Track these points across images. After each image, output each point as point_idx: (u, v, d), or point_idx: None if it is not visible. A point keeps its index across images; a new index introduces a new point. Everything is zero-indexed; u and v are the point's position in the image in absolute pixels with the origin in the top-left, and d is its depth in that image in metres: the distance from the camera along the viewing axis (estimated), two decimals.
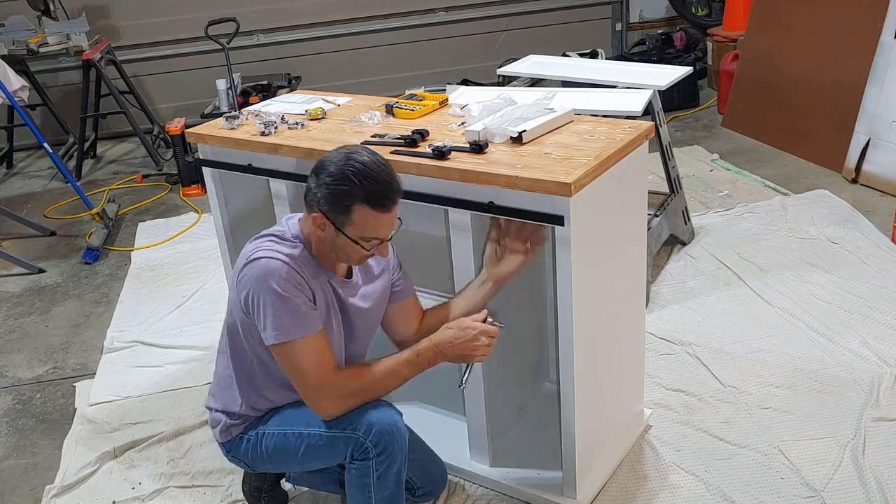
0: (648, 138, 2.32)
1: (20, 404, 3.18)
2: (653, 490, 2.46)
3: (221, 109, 5.46)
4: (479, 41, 6.71)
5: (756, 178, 4.64)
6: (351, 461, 2.05)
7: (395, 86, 6.21)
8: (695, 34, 6.60)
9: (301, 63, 6.46)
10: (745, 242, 3.88)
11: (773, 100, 5.11)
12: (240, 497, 2.56)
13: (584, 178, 2.02)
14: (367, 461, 2.04)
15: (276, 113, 2.67)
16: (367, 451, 2.02)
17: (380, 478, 2.06)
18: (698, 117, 5.80)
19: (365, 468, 2.05)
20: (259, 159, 2.56)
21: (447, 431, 2.69)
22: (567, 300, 2.11)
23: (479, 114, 2.37)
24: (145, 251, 4.43)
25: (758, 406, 2.77)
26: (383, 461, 2.04)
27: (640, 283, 2.52)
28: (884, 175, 4.32)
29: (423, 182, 2.23)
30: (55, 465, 2.82)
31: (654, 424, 2.72)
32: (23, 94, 5.01)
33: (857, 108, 4.48)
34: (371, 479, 2.06)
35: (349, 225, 1.93)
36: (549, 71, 3.73)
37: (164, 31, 6.29)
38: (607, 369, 2.41)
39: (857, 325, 3.16)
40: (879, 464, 2.47)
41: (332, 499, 2.52)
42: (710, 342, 3.14)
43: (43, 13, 5.64)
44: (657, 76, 3.47)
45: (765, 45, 5.18)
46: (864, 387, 2.81)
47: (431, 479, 2.39)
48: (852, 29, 4.57)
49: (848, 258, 3.65)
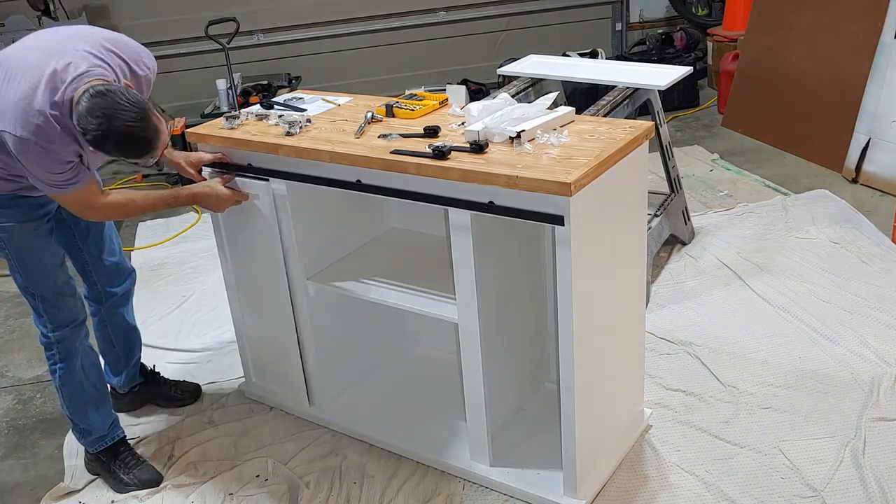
0: (648, 138, 2.32)
1: (20, 404, 3.18)
2: (653, 490, 2.46)
3: (221, 109, 5.46)
4: (479, 41, 6.70)
5: (756, 178, 4.64)
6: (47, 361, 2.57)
7: (395, 86, 6.21)
8: (695, 34, 6.59)
9: (301, 63, 6.45)
10: (745, 242, 3.88)
11: (773, 100, 5.11)
12: (237, 493, 2.56)
13: (584, 178, 2.02)
14: (53, 364, 2.57)
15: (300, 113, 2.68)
16: (53, 353, 2.53)
17: (63, 384, 2.57)
18: (698, 117, 5.79)
19: (52, 368, 2.58)
20: (259, 159, 2.57)
21: (447, 431, 2.69)
22: (567, 300, 2.11)
23: (478, 113, 2.37)
24: (145, 251, 4.43)
25: (758, 406, 2.77)
26: (65, 367, 2.56)
27: (640, 283, 2.52)
28: (884, 175, 4.32)
29: (423, 182, 2.23)
30: (55, 465, 2.82)
31: (654, 424, 2.72)
32: None
33: (858, 108, 4.48)
34: (57, 383, 2.57)
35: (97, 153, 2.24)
36: (549, 71, 3.73)
37: (164, 31, 6.29)
38: (607, 369, 2.41)
39: (857, 325, 3.16)
40: (879, 464, 2.47)
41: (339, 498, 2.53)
42: (710, 342, 3.14)
43: (43, 13, 5.64)
44: (657, 76, 3.47)
45: (765, 44, 5.18)
46: (864, 387, 2.81)
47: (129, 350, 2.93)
48: (852, 29, 4.57)
49: (848, 258, 3.65)
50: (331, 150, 2.37)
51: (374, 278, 2.66)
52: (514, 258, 2.48)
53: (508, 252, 2.43)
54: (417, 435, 2.71)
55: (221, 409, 3.01)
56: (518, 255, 2.50)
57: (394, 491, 2.54)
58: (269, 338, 2.88)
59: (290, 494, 2.57)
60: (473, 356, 2.37)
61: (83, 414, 2.62)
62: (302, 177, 2.50)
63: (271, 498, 2.57)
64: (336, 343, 2.88)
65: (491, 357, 2.41)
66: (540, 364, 2.82)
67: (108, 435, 2.68)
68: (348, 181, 2.41)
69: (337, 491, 2.56)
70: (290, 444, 2.80)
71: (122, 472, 2.65)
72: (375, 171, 2.31)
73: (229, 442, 2.83)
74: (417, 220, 2.98)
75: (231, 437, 2.86)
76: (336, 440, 2.79)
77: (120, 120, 2.06)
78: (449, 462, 2.58)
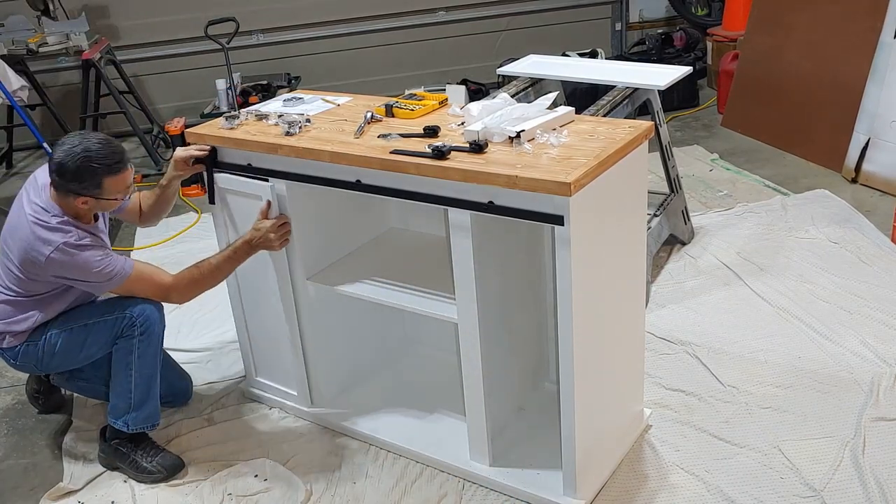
0: (648, 138, 2.32)
1: (20, 404, 3.18)
2: (653, 490, 2.46)
3: (221, 109, 5.46)
4: (479, 41, 6.70)
5: (756, 178, 4.64)
6: (118, 338, 2.58)
7: (395, 86, 6.21)
8: (695, 34, 6.59)
9: (301, 63, 6.45)
10: (744, 242, 3.88)
11: (773, 100, 5.11)
12: (234, 492, 2.56)
13: (584, 178, 2.02)
14: (132, 339, 2.57)
15: (299, 113, 2.68)
16: (134, 327, 2.56)
17: (140, 356, 2.60)
18: (698, 117, 5.80)
19: (129, 346, 2.58)
20: (259, 159, 2.57)
21: (447, 431, 2.69)
22: (567, 300, 2.11)
23: (478, 113, 2.37)
24: (145, 251, 4.43)
25: (758, 406, 2.77)
26: (144, 340, 2.58)
27: (640, 283, 2.52)
28: (884, 175, 4.32)
29: (423, 182, 2.23)
30: (55, 465, 2.82)
31: (654, 424, 2.72)
32: (22, 93, 5.01)
33: (857, 108, 4.48)
34: (133, 357, 2.60)
35: (104, 192, 2.48)
36: (548, 71, 3.73)
37: (164, 31, 6.29)
38: (607, 369, 2.41)
39: (857, 325, 3.16)
40: (879, 463, 2.47)
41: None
42: (710, 342, 3.14)
43: (42, 13, 5.63)
44: (657, 76, 3.47)
45: (764, 44, 5.18)
46: (863, 387, 2.81)
47: (174, 392, 2.99)
48: (852, 29, 4.57)
49: (848, 258, 3.65)
50: (330, 150, 2.37)
51: (373, 278, 2.66)
52: (514, 258, 2.48)
53: (508, 252, 2.43)
54: (417, 435, 2.71)
55: (221, 409, 3.01)
56: (518, 255, 2.50)
57: (393, 491, 2.54)
58: (270, 337, 2.88)
59: (289, 494, 2.57)
60: (473, 356, 2.37)
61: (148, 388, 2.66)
62: (302, 177, 2.50)
63: (270, 498, 2.57)
64: (336, 343, 2.88)
65: (491, 357, 2.41)
66: (540, 364, 2.82)
67: (155, 413, 2.72)
68: (348, 181, 2.41)
69: (336, 491, 2.56)
70: (290, 443, 2.80)
71: (144, 461, 2.68)
72: (375, 171, 2.32)
73: (228, 441, 2.83)
74: (417, 220, 2.98)
75: (230, 436, 2.86)
76: (336, 440, 2.79)
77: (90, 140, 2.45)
78: (448, 462, 2.58)
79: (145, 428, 2.70)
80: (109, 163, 2.45)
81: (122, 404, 2.67)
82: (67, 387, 2.95)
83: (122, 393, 2.65)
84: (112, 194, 2.51)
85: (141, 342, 2.59)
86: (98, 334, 2.60)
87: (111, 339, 2.60)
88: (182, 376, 3.07)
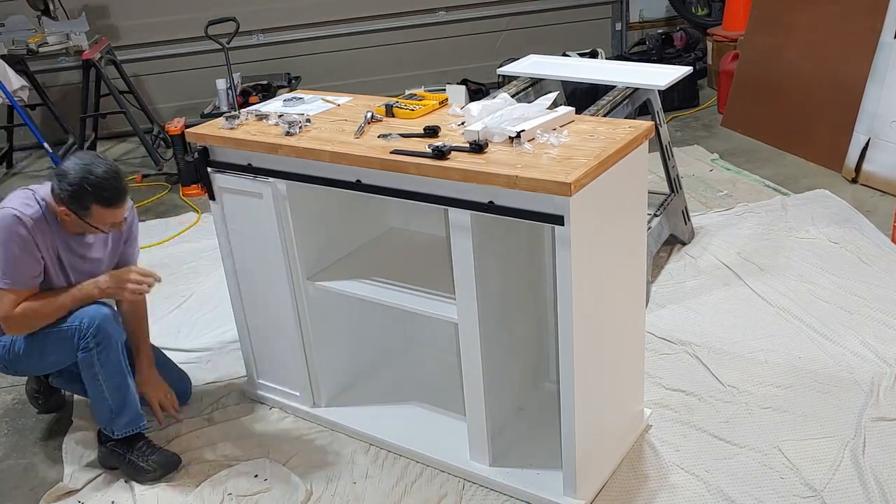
0: (648, 138, 2.32)
1: (20, 404, 3.18)
2: (653, 490, 2.46)
3: (221, 109, 5.45)
4: (479, 41, 6.70)
5: (756, 178, 4.64)
6: (77, 351, 2.56)
7: (395, 86, 6.21)
8: (695, 34, 6.59)
9: (301, 63, 6.45)
10: (745, 242, 3.88)
11: (773, 100, 5.11)
12: (238, 495, 2.56)
13: (584, 178, 2.02)
14: (90, 352, 2.55)
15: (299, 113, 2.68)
16: (88, 338, 2.53)
17: (103, 366, 2.58)
18: (698, 117, 5.80)
19: (89, 359, 2.57)
20: (259, 159, 2.57)
21: (447, 431, 2.69)
22: (567, 300, 2.11)
23: (478, 113, 2.37)
24: (145, 251, 4.42)
25: (758, 406, 2.77)
26: (103, 351, 2.56)
27: (640, 283, 2.52)
28: (884, 175, 4.32)
29: (423, 182, 2.23)
30: (55, 465, 2.82)
31: (654, 424, 2.72)
32: (23, 93, 5.02)
33: (857, 108, 4.48)
34: (97, 369, 2.58)
35: (89, 217, 2.49)
36: (548, 71, 3.73)
37: (164, 31, 6.29)
38: (607, 369, 2.41)
39: (857, 325, 3.16)
40: (879, 463, 2.47)
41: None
42: (710, 342, 3.14)
43: (43, 13, 5.64)
44: (657, 76, 3.47)
45: (765, 44, 5.18)
46: (863, 387, 2.81)
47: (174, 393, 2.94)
48: (852, 29, 4.57)
49: (848, 258, 3.65)
50: (331, 150, 2.37)
51: (374, 278, 2.67)
52: (514, 258, 2.48)
53: (508, 252, 2.43)
54: (417, 435, 2.71)
55: (221, 409, 3.02)
56: (518, 255, 2.50)
57: (393, 491, 2.54)
58: (270, 337, 2.88)
59: (289, 494, 2.57)
60: (473, 356, 2.37)
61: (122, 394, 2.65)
62: (302, 177, 2.50)
63: (270, 498, 2.57)
64: (336, 343, 2.88)
65: (491, 357, 2.41)
66: (540, 364, 2.82)
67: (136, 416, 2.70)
68: (348, 181, 2.41)
69: (336, 491, 2.56)
70: (290, 443, 2.80)
71: (140, 461, 2.68)
72: (375, 171, 2.32)
73: (229, 441, 2.83)
74: (417, 220, 2.98)
75: (230, 436, 2.86)
76: (336, 440, 2.79)
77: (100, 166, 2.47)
78: (449, 462, 2.58)
79: (130, 431, 2.69)
80: (104, 194, 2.46)
81: (104, 413, 2.67)
82: (67, 388, 2.95)
83: (100, 402, 2.65)
84: (96, 222, 2.52)
85: (100, 354, 2.57)
86: (56, 342, 2.58)
87: (70, 349, 2.58)
88: (181, 377, 3.06)
